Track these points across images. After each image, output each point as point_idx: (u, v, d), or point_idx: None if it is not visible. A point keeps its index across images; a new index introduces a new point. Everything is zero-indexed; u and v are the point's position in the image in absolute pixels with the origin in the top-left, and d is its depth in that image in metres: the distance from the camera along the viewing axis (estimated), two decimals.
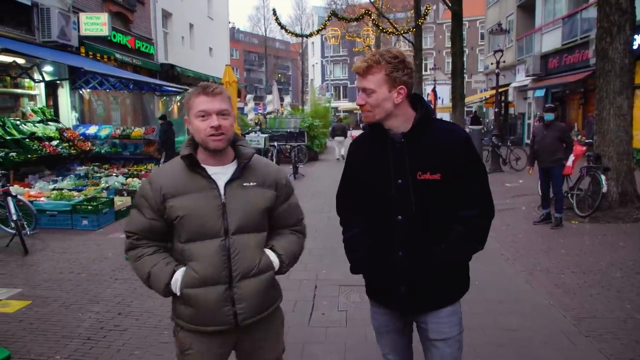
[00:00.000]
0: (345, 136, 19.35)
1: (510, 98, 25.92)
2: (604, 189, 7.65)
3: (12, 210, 6.41)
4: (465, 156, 1.99)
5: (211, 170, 1.96)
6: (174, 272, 1.95)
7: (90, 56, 13.52)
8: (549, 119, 7.50)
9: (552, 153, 7.47)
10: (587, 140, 9.33)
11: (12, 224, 6.44)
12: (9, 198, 6.53)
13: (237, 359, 2.19)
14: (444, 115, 23.54)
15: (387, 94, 1.96)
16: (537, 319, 4.19)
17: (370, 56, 1.99)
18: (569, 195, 8.49)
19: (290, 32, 21.71)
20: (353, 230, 2.22)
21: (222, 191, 1.95)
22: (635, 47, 8.40)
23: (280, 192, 2.09)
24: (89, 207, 7.74)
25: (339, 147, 19.24)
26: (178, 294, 1.96)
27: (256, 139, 14.39)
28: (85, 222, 7.67)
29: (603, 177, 7.66)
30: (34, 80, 11.23)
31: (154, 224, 1.98)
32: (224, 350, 2.08)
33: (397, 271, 2.06)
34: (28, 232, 6.72)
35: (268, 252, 2.05)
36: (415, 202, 1.99)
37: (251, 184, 2.00)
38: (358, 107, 2.08)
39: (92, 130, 12.91)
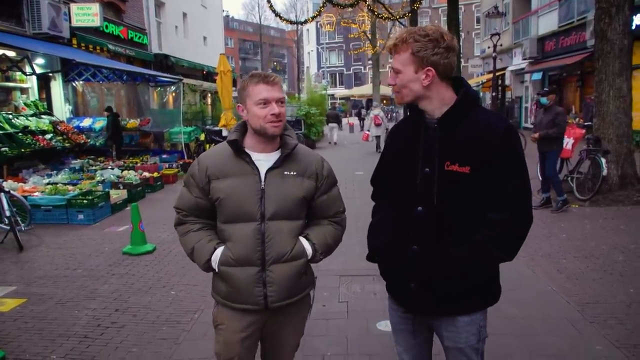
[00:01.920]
0: (339, 122, 21.34)
1: (507, 82, 25.78)
2: (604, 172, 7.59)
3: (5, 206, 6.31)
4: (501, 150, 1.78)
5: (255, 156, 2.05)
6: (214, 249, 2.07)
7: (83, 47, 13.34)
8: (544, 103, 7.44)
9: (545, 137, 7.38)
10: (586, 123, 9.24)
11: (6, 220, 6.34)
12: (2, 194, 6.42)
13: (260, 340, 2.26)
14: None
15: (413, 75, 1.82)
16: (540, 305, 4.14)
17: (399, 34, 1.86)
18: (569, 178, 8.44)
19: (285, 20, 21.38)
20: (378, 216, 2.14)
21: (262, 177, 2.03)
22: (633, 27, 8.25)
23: (320, 183, 2.14)
24: (85, 201, 7.65)
25: (332, 133, 21.15)
26: (217, 270, 2.08)
27: None
28: (80, 216, 7.58)
29: (603, 160, 7.59)
30: (25, 73, 11.07)
31: (199, 202, 2.11)
32: (252, 330, 2.14)
33: (410, 266, 1.92)
34: (23, 228, 6.63)
35: (302, 240, 2.12)
36: (437, 194, 1.83)
37: (292, 173, 2.07)
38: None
39: (86, 122, 12.82)
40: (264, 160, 2.06)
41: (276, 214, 2.03)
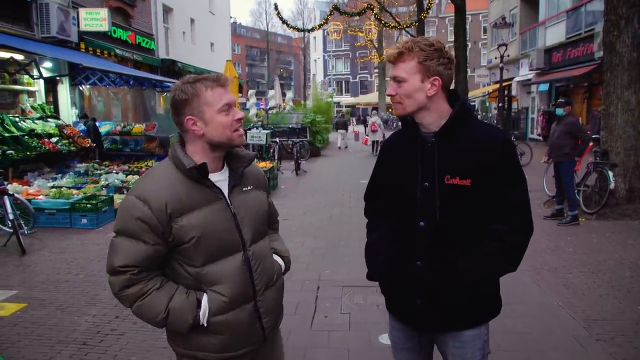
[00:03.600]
0: (346, 129, 23.43)
1: (513, 92, 25.69)
2: (612, 186, 7.53)
3: (9, 209, 6.30)
4: (501, 161, 1.77)
5: (212, 178, 1.73)
6: (197, 302, 1.70)
7: (90, 52, 13.39)
8: (559, 114, 7.42)
9: (559, 148, 7.38)
10: (594, 136, 9.18)
11: (9, 223, 6.33)
12: (6, 197, 6.41)
13: None
14: None
15: (419, 84, 1.79)
16: (545, 321, 4.07)
17: (403, 43, 1.82)
18: (576, 191, 8.35)
19: (291, 27, 21.47)
20: (375, 234, 2.09)
21: (228, 201, 1.76)
22: None
23: (267, 192, 2.01)
24: (88, 205, 7.64)
25: (341, 138, 22.72)
26: (205, 325, 1.72)
27: (257, 135, 14.26)
28: (84, 220, 7.56)
29: (610, 173, 7.53)
30: (32, 76, 11.12)
31: (159, 250, 1.68)
32: None
33: (414, 282, 1.88)
34: (26, 232, 6.63)
35: (275, 257, 1.96)
36: (440, 208, 1.80)
37: (249, 187, 1.85)
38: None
39: None
40: (221, 180, 1.78)
41: (254, 237, 1.82)
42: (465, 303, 1.85)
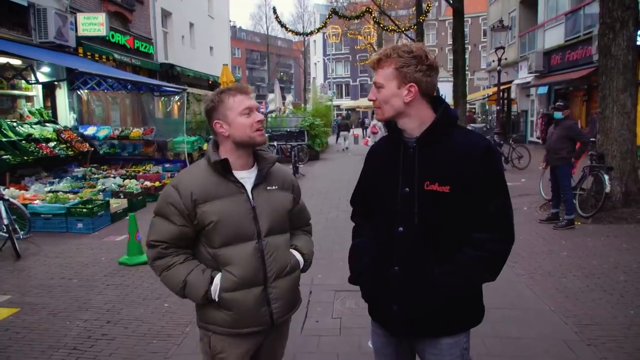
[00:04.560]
0: (348, 131, 25.09)
1: (512, 95, 25.72)
2: (607, 189, 7.49)
3: (4, 214, 6.31)
4: (482, 169, 1.76)
5: (238, 175, 2.02)
6: (211, 278, 1.98)
7: (89, 56, 13.42)
8: (557, 117, 7.44)
9: (555, 151, 7.38)
10: (591, 139, 9.17)
11: (4, 228, 6.33)
12: (0, 202, 6.43)
13: (254, 356, 2.19)
14: None
15: (395, 90, 1.81)
16: (538, 326, 4.05)
17: (383, 49, 1.86)
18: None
19: (291, 31, 21.55)
20: (358, 239, 2.11)
21: (250, 195, 2.01)
22: (639, 42, 8.20)
23: (295, 194, 2.21)
24: (84, 209, 7.65)
25: (343, 140, 24.17)
26: (216, 299, 1.98)
27: None
28: (80, 225, 7.57)
29: (606, 177, 7.51)
30: (29, 82, 11.14)
31: (184, 231, 1.98)
32: (252, 351, 2.13)
33: (391, 287, 1.89)
34: (21, 236, 6.62)
35: (294, 252, 2.16)
36: (418, 214, 1.81)
37: (274, 187, 2.09)
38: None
39: (90, 131, 12.85)
40: (246, 177, 2.04)
41: (271, 230, 2.03)
42: (442, 310, 1.83)
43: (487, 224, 1.80)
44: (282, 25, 19.39)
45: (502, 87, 18.34)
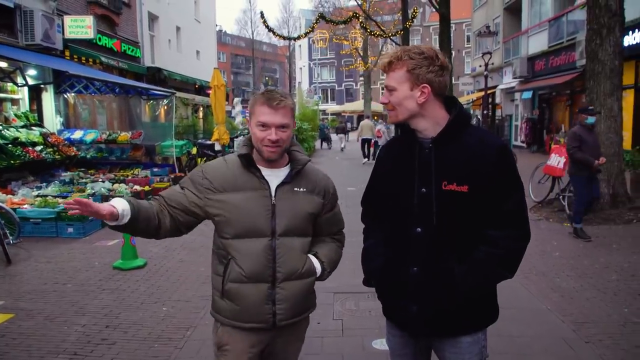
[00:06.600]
0: (345, 133, 27.65)
1: (497, 100, 26.06)
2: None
3: None
4: (497, 168, 1.79)
5: (265, 171, 2.03)
6: (128, 202, 1.95)
7: (75, 59, 13.27)
8: (591, 123, 6.93)
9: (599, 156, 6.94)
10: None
11: None
12: None
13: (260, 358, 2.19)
14: None
15: (408, 92, 1.82)
16: (535, 324, 4.12)
17: (393, 52, 1.86)
18: (561, 197, 8.49)
19: (278, 35, 21.53)
20: (371, 240, 2.11)
21: (272, 192, 2.01)
22: (624, 46, 8.38)
23: (327, 200, 2.15)
24: None
25: (340, 141, 26.48)
26: (125, 222, 1.93)
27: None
28: (70, 229, 7.47)
29: None
30: (17, 84, 10.97)
31: (186, 198, 2.03)
32: (257, 350, 2.09)
33: (410, 288, 1.89)
34: (11, 241, 6.51)
35: (312, 258, 2.10)
36: (436, 214, 1.81)
37: (302, 189, 2.06)
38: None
39: (77, 135, 12.65)
40: (273, 175, 2.04)
41: (287, 230, 2.01)
42: (462, 309, 1.86)
43: (503, 222, 1.82)
44: (270, 30, 19.39)
45: (487, 92, 18.58)
